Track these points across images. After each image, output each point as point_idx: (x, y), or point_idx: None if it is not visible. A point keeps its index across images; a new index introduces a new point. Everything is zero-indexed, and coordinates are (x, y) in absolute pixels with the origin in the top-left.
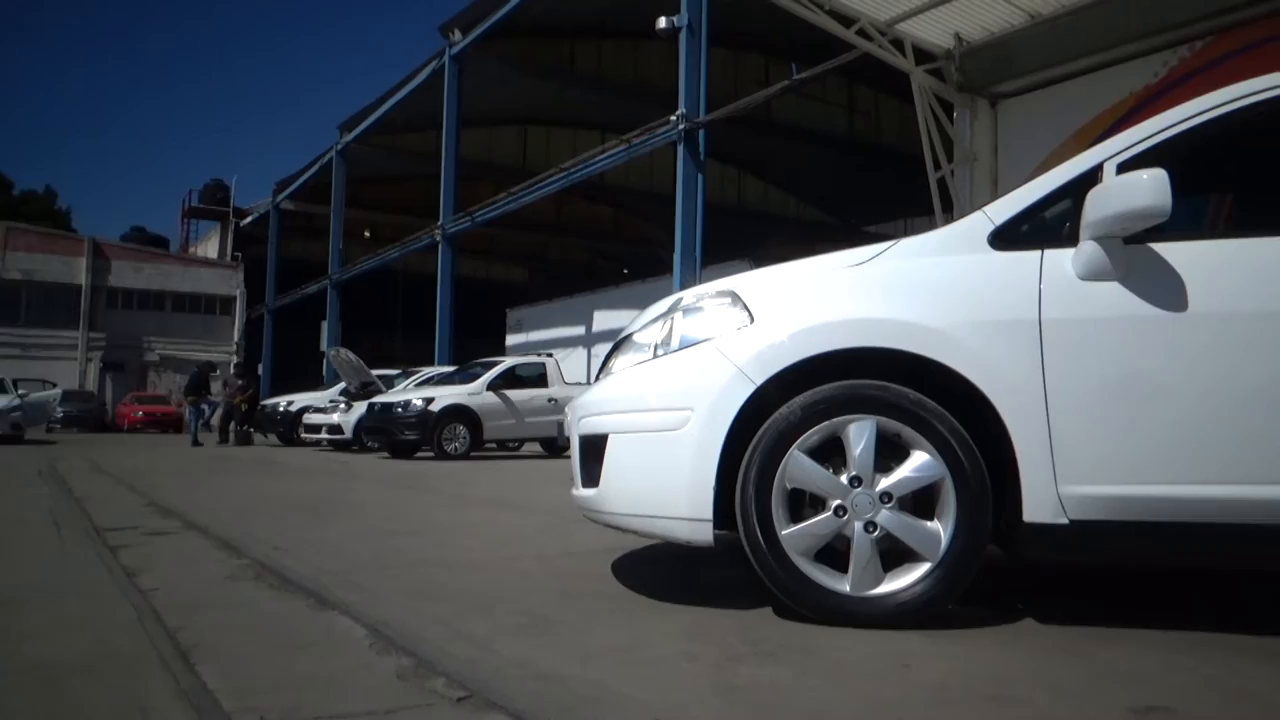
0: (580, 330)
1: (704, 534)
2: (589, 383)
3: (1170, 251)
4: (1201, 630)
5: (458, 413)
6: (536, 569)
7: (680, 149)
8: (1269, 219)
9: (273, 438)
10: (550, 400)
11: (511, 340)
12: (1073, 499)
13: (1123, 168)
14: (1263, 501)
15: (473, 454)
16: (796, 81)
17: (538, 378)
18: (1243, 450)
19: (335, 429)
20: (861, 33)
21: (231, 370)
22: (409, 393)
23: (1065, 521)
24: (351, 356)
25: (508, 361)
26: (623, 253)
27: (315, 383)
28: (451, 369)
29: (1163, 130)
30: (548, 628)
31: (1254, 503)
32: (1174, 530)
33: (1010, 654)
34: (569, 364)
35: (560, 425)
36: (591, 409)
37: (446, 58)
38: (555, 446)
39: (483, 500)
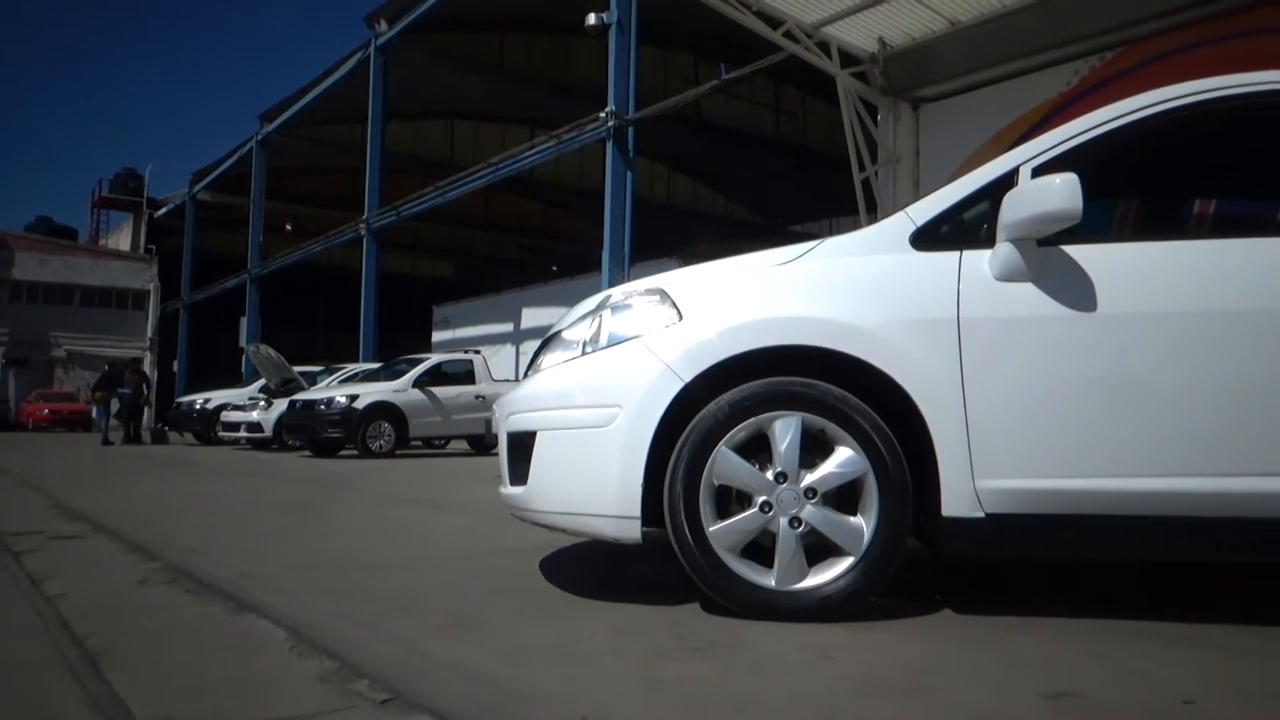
0: (508, 327)
1: (632, 531)
2: (517, 380)
3: (1081, 253)
4: (1108, 618)
5: (383, 410)
6: (463, 568)
7: (609, 146)
8: (1171, 223)
9: (189, 436)
10: (478, 397)
11: (438, 337)
12: (989, 493)
13: (1037, 172)
14: (1167, 494)
15: (398, 452)
16: (725, 81)
17: (465, 375)
18: (1149, 445)
19: (255, 427)
20: (789, 35)
21: (129, 368)
22: (332, 390)
23: (981, 515)
24: (272, 353)
25: (434, 358)
26: (552, 249)
27: (234, 380)
28: (376, 366)
29: (1074, 136)
30: (475, 627)
31: (1159, 495)
32: (1085, 522)
33: (929, 644)
34: (497, 361)
35: (488, 423)
36: (519, 406)
37: (372, 48)
38: (483, 444)
39: (408, 499)
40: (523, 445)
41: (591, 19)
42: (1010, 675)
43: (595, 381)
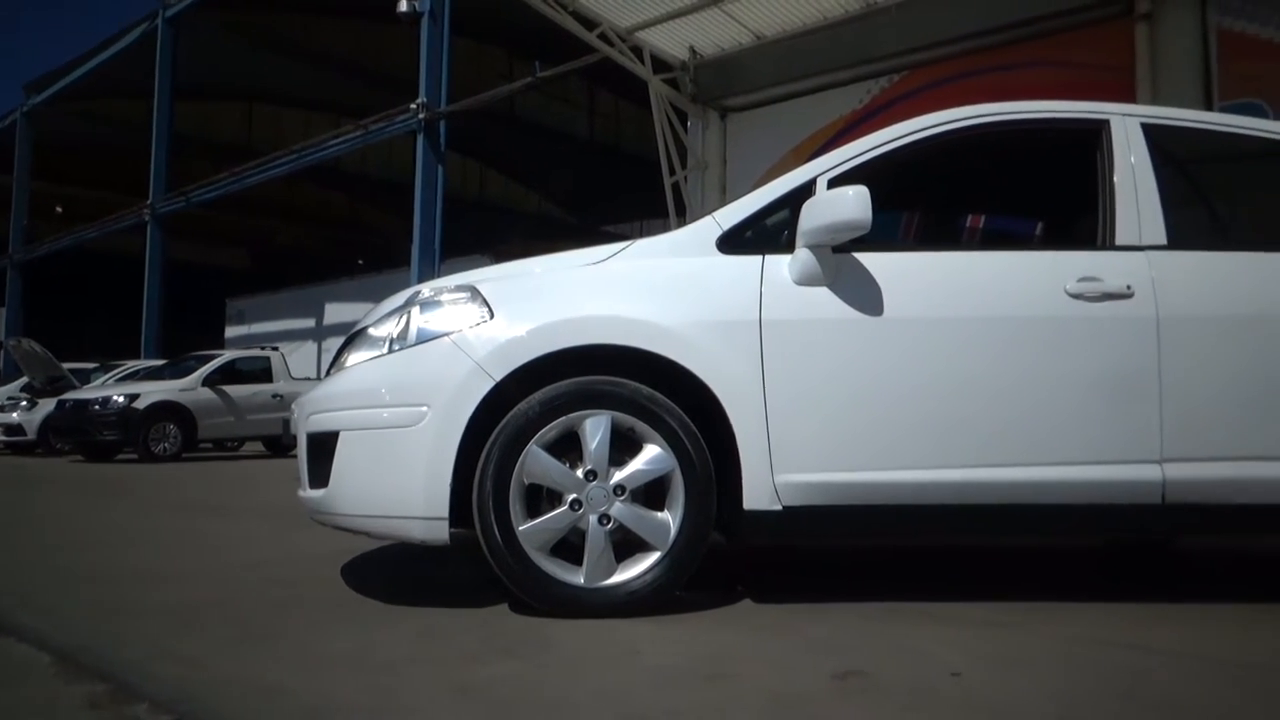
0: (310, 323)
1: (440, 532)
2: (318, 378)
3: (870, 260)
4: (890, 600)
5: (167, 410)
6: (257, 577)
7: (420, 139)
8: (950, 234)
9: None
10: (275, 396)
11: (232, 333)
12: (786, 487)
13: (833, 183)
14: (947, 484)
15: (185, 455)
16: (539, 79)
17: (261, 373)
18: (930, 439)
19: (15, 429)
20: (603, 37)
21: None
22: (109, 388)
23: (780, 508)
24: (36, 347)
25: (227, 355)
26: (358, 243)
27: None
28: (161, 363)
29: (865, 152)
30: (269, 639)
31: (940, 485)
32: (873, 512)
33: (730, 633)
34: (297, 359)
35: (286, 423)
36: (321, 405)
37: (160, 19)
38: (280, 445)
39: (196, 505)
40: (324, 446)
41: (403, 5)
42: (803, 659)
43: (403, 380)
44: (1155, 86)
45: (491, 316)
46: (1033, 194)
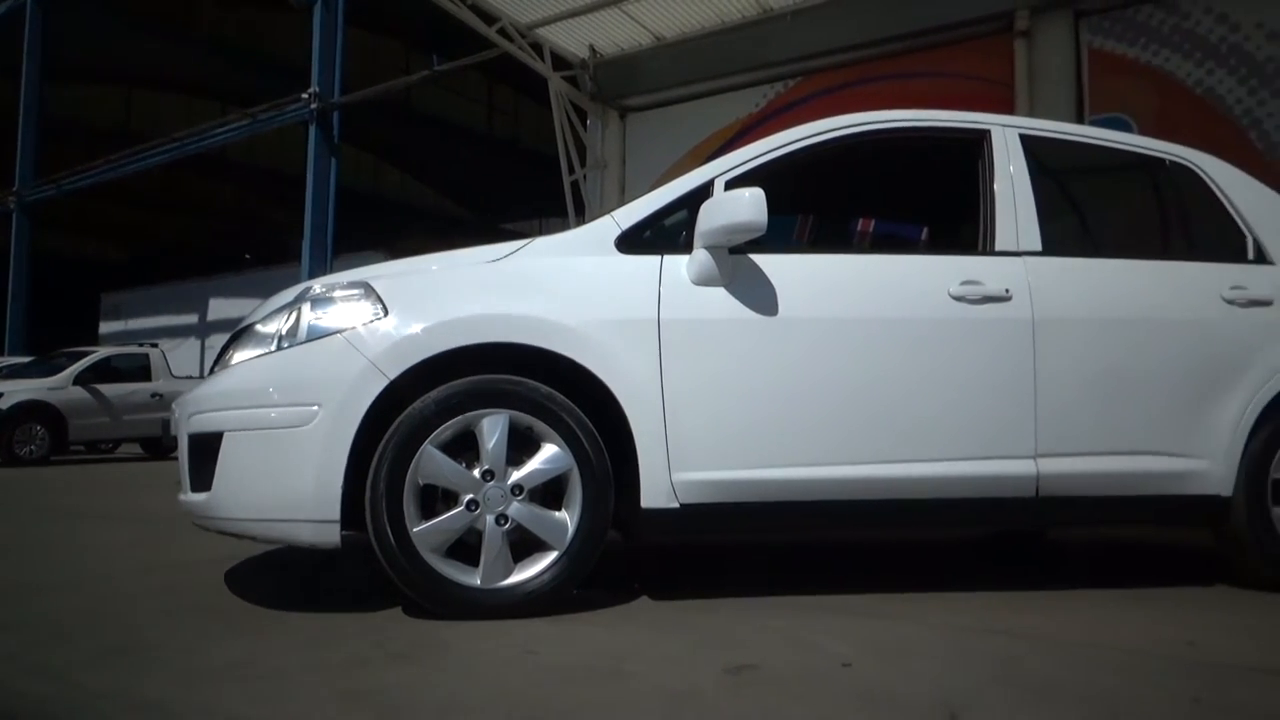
0: (193, 319)
1: (331, 535)
2: (202, 377)
3: (766, 262)
4: (785, 594)
5: (34, 410)
6: (134, 586)
7: (312, 130)
8: (841, 237)
9: None
10: (154, 396)
11: (107, 328)
12: (683, 485)
13: (730, 185)
14: (838, 480)
15: (54, 458)
16: (436, 73)
17: (139, 370)
18: (823, 436)
19: None
20: (503, 33)
21: None
22: None
23: (677, 506)
24: None
25: (101, 351)
26: (245, 236)
27: None
28: (28, 359)
29: (761, 155)
30: (148, 651)
31: (831, 481)
32: (769, 508)
33: (626, 631)
34: (178, 356)
35: (166, 424)
36: (204, 405)
37: None
38: (160, 447)
39: (68, 511)
40: (207, 447)
41: None
42: (698, 654)
43: (292, 378)
44: (1032, 99)
45: (386, 314)
46: (920, 199)
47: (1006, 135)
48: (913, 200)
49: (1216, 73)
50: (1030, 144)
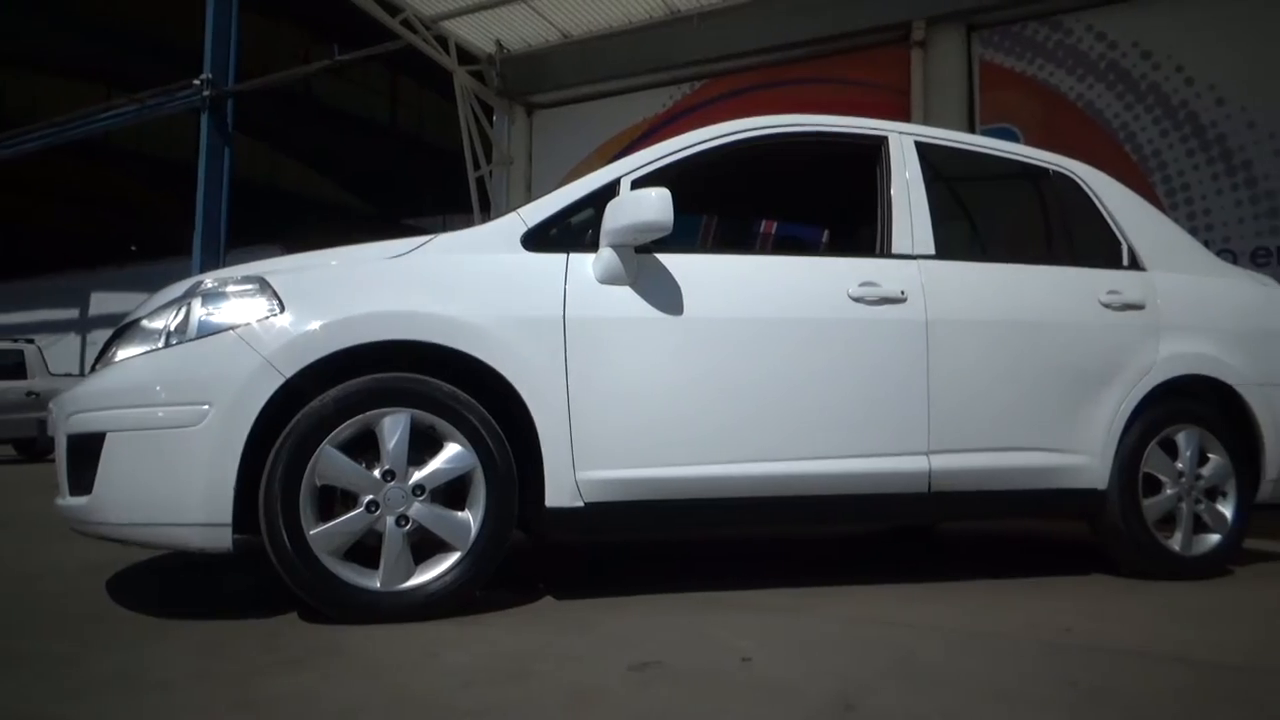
0: (73, 314)
1: (222, 539)
2: (83, 374)
3: (671, 262)
4: (688, 591)
5: None
6: (8, 595)
7: (205, 117)
8: (745, 238)
9: None
10: (30, 394)
11: None
12: (589, 483)
13: (636, 184)
14: (741, 478)
15: None
16: (337, 63)
17: (13, 367)
18: (725, 435)
19: None
20: (406, 24)
21: None
22: None
23: (581, 504)
24: None
25: None
26: (131, 227)
27: None
28: None
29: (667, 155)
30: (23, 663)
31: (734, 479)
32: (673, 506)
33: (530, 631)
34: (57, 353)
35: (42, 423)
36: (84, 404)
37: None
38: (35, 449)
39: None
40: (87, 449)
41: None
42: (602, 653)
43: (181, 376)
44: (927, 107)
45: (282, 310)
46: (821, 202)
47: (903, 142)
48: (814, 203)
49: (1096, 87)
50: (925, 151)
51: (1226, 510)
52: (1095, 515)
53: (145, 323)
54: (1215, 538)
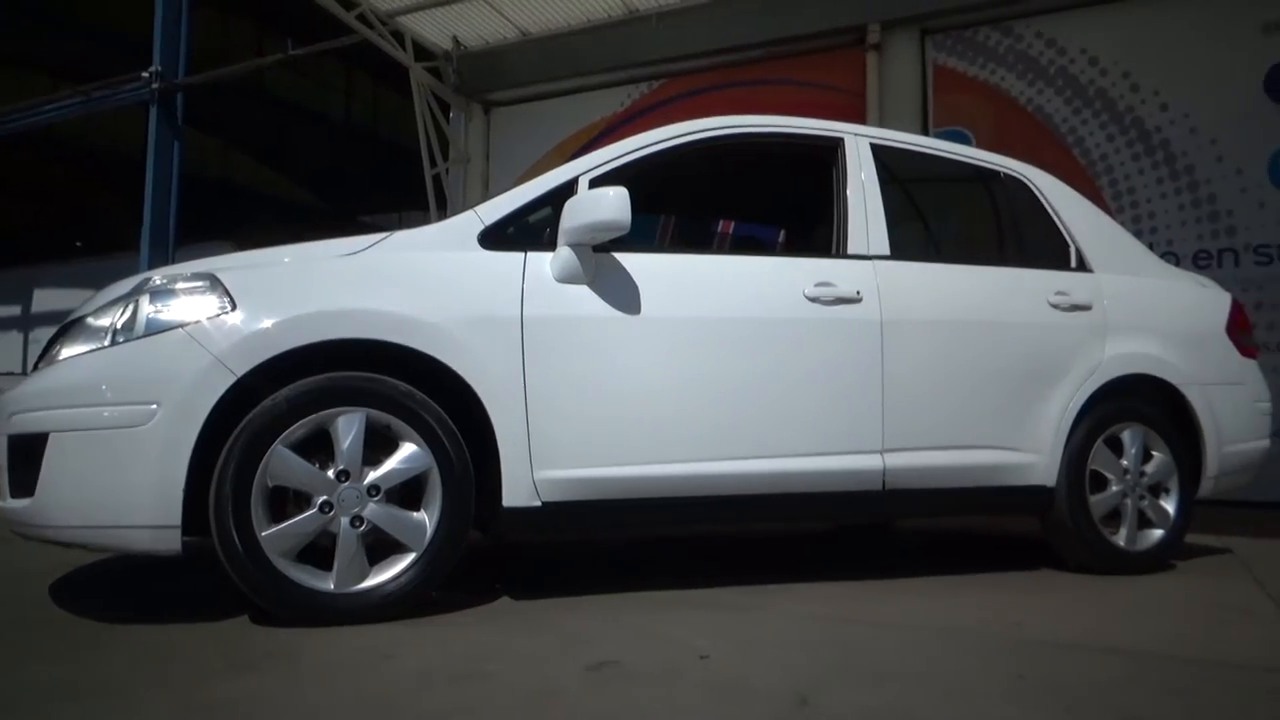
0: (14, 310)
1: (171, 541)
2: (25, 373)
3: (629, 261)
4: (645, 590)
5: None
6: None
7: (154, 111)
8: (703, 237)
9: None
10: None
11: None
12: (546, 483)
13: (594, 183)
14: (698, 477)
15: None
16: (291, 57)
17: None
18: (683, 434)
19: None
20: (362, 18)
21: None
22: None
23: (539, 504)
24: None
25: None
26: (76, 222)
27: None
28: None
29: (626, 154)
30: None
31: (692, 478)
32: (631, 505)
33: (486, 632)
34: None
35: None
36: (26, 404)
37: None
38: None
39: None
40: (29, 450)
41: None
42: (558, 653)
43: (129, 375)
44: (882, 110)
45: (234, 307)
46: (778, 202)
47: (859, 144)
48: (771, 203)
49: (1045, 92)
50: (880, 153)
51: (1169, 506)
52: (1044, 512)
53: (90, 320)
54: (1159, 533)
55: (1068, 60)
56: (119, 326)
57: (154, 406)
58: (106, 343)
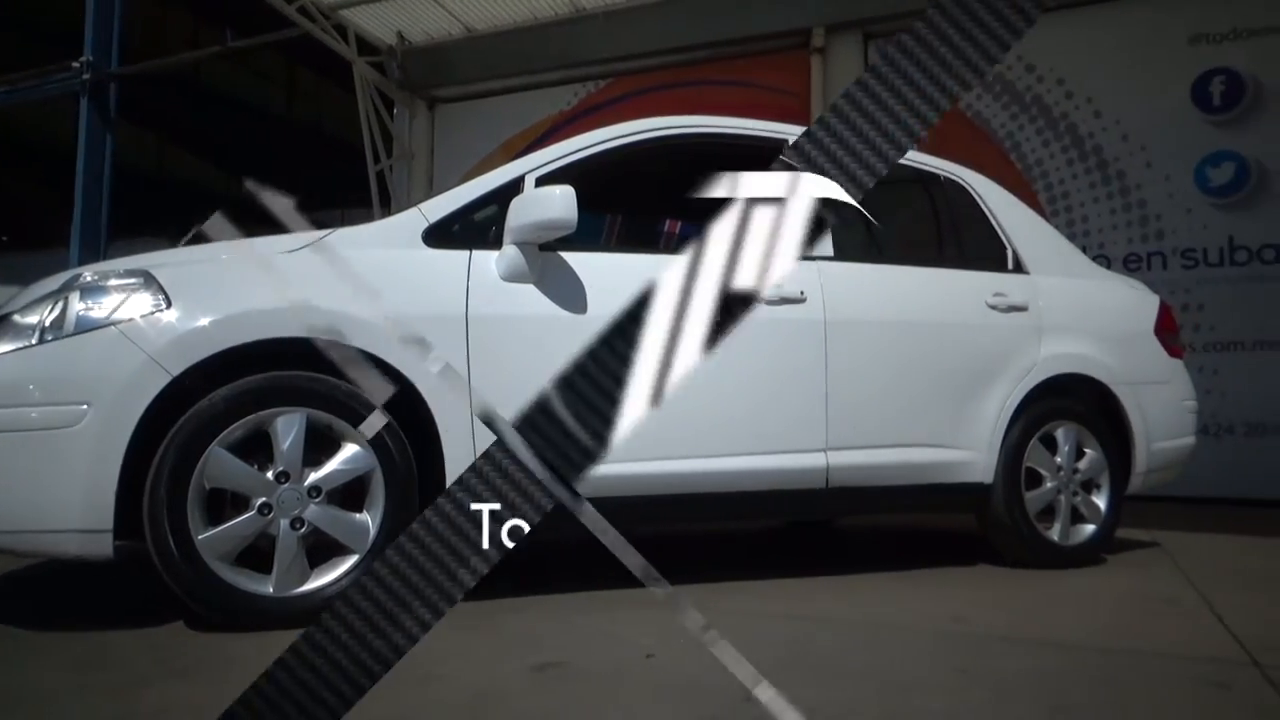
0: None
1: (102, 546)
2: None
3: (575, 260)
4: (590, 589)
5: None
6: None
7: (84, 102)
8: (650, 237)
9: None
10: None
11: None
12: None
13: (541, 181)
14: (643, 476)
15: None
16: (230, 49)
17: None
18: (637, 433)
19: None
20: (304, 11)
21: None
22: None
23: None
24: None
25: None
26: (2, 215)
27: None
28: None
29: (572, 153)
30: None
31: (636, 477)
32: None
33: (432, 633)
34: None
35: None
36: None
37: None
38: None
39: None
40: None
41: None
42: (504, 653)
43: (57, 374)
44: None
45: (169, 305)
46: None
47: None
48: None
49: (984, 98)
50: None
51: (1101, 502)
52: (982, 508)
53: (17, 318)
54: (1091, 528)
55: (1005, 66)
56: (48, 324)
57: (85, 407)
58: (34, 341)
